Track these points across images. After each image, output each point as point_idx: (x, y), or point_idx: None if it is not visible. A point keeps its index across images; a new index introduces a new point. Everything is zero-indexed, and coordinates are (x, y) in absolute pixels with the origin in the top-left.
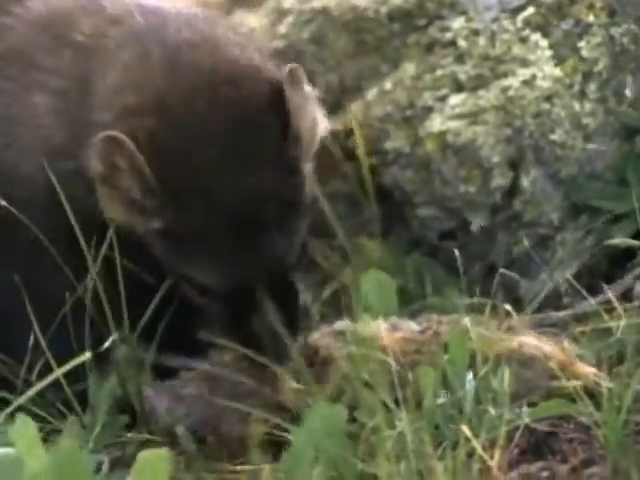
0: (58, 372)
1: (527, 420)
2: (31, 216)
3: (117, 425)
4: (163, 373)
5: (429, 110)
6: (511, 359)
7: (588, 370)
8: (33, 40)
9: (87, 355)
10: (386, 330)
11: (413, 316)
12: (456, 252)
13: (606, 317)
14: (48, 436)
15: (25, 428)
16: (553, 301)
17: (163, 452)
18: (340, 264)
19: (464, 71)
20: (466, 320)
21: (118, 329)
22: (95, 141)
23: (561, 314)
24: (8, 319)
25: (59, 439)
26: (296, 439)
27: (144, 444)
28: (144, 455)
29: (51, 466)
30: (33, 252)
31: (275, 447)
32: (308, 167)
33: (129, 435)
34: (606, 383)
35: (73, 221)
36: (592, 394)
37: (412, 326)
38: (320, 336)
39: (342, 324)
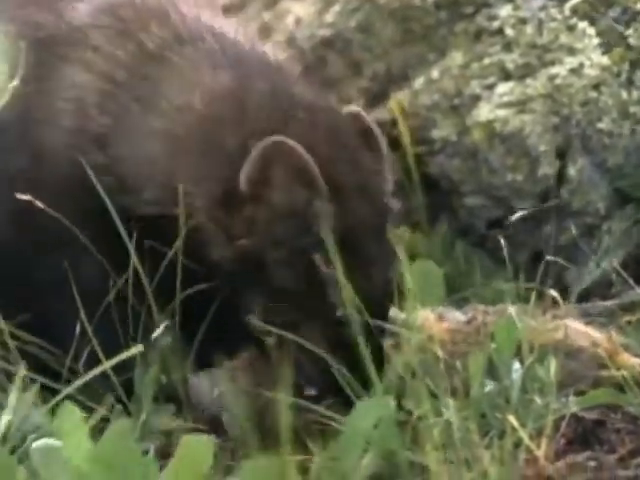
0: (107, 365)
1: (574, 409)
2: (60, 196)
3: (163, 414)
4: (208, 362)
5: (476, 99)
6: (557, 348)
7: (634, 360)
8: (93, 22)
9: (139, 348)
10: (433, 320)
11: (459, 304)
12: (502, 241)
13: None
14: (95, 425)
15: (70, 417)
16: (600, 290)
17: (206, 438)
18: None
19: (511, 59)
20: (512, 310)
21: (163, 318)
22: (255, 148)
23: (608, 303)
24: (51, 309)
25: (107, 428)
26: (345, 428)
27: (190, 433)
28: (187, 440)
29: (98, 455)
30: (67, 240)
31: (321, 436)
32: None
33: (175, 424)
34: None
35: (112, 210)
36: (639, 384)
37: (458, 316)
38: None
39: (390, 313)
